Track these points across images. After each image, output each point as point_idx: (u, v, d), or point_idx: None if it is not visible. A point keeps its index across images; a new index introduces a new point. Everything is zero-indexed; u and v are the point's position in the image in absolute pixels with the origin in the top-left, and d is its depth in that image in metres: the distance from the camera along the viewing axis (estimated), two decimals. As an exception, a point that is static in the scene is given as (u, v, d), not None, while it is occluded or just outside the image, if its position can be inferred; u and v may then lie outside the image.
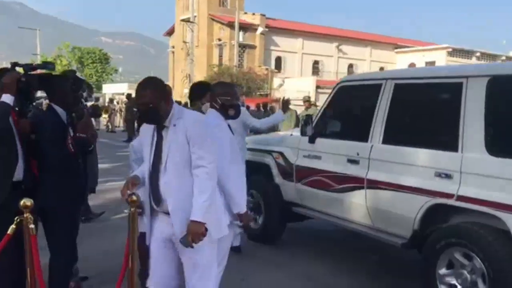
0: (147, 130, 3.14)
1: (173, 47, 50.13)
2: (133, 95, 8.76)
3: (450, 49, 43.39)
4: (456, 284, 3.88)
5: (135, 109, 3.85)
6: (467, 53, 44.94)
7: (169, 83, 50.97)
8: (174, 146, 2.98)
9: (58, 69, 23.42)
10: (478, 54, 45.32)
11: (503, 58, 45.87)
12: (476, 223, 3.83)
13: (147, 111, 2.97)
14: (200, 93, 4.73)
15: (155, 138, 3.07)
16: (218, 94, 3.66)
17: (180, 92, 45.31)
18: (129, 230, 3.31)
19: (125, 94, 24.50)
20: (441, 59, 42.02)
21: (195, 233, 2.86)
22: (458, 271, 3.87)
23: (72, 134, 3.76)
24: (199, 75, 37.65)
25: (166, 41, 55.92)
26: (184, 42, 45.13)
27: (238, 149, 3.72)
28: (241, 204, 3.45)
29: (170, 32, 51.53)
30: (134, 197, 3.20)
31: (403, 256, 4.07)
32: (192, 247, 2.90)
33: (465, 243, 3.78)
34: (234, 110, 3.68)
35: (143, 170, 3.15)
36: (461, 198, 3.88)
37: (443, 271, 3.97)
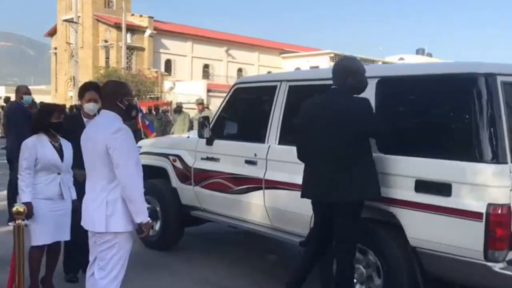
0: None
1: (56, 48, 47.48)
2: (12, 98, 8.14)
3: (333, 55, 45.52)
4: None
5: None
6: (348, 59, 47.50)
7: (52, 85, 48.38)
8: None
9: None
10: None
11: (380, 63, 49.10)
12: (369, 219, 4.00)
13: None
14: (79, 93, 4.75)
15: None
16: (123, 94, 3.38)
17: (64, 95, 43.04)
18: (15, 244, 3.04)
19: (3, 97, 22.74)
20: (325, 64, 43.90)
21: None
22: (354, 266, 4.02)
23: None
24: (85, 78, 35.95)
25: (48, 42, 52.81)
26: (68, 43, 42.91)
27: (138, 153, 3.56)
28: (144, 213, 3.26)
29: (52, 33, 48.73)
30: (20, 208, 2.95)
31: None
32: None
33: (359, 238, 3.94)
34: (136, 111, 3.49)
35: None
36: (355, 195, 4.02)
37: (340, 266, 4.10)
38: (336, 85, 3.89)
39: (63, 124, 4.35)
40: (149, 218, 3.28)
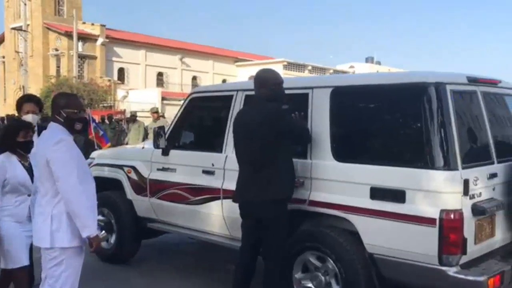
0: None
1: (4, 57, 45.93)
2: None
3: (286, 63, 46.04)
4: (312, 286, 4.05)
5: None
6: (301, 66, 48.10)
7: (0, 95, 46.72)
8: None
9: None
10: (310, 67, 48.75)
11: (331, 71, 49.97)
12: (327, 226, 4.05)
13: None
14: (17, 105, 4.63)
15: None
16: (62, 106, 3.31)
17: (13, 105, 41.48)
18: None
19: None
20: (278, 72, 44.34)
21: None
22: (313, 274, 4.05)
23: None
24: (35, 87, 35.00)
25: (-5, 50, 50.98)
26: (17, 51, 41.65)
27: (87, 166, 3.47)
28: (91, 227, 3.16)
29: (0, 41, 47.17)
30: None
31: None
32: None
33: (318, 246, 3.97)
34: (81, 124, 3.39)
35: None
36: (312, 202, 4.07)
37: (299, 275, 4.13)
38: (255, 95, 4.18)
39: (31, 143, 3.98)
40: (97, 232, 3.19)
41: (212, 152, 4.87)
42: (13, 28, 40.73)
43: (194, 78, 48.81)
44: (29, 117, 4.57)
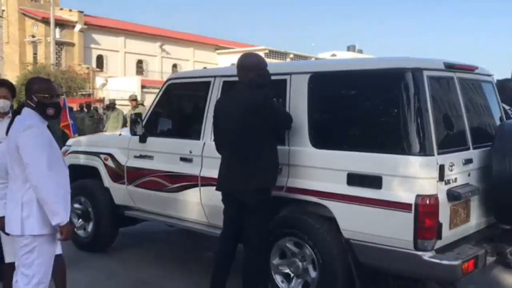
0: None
1: (-22, 43, 45.00)
2: None
3: (267, 51, 45.89)
4: (289, 272, 4.07)
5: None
6: (282, 55, 48.03)
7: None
8: None
9: None
10: (291, 55, 48.71)
11: (313, 59, 50.05)
12: (304, 212, 4.05)
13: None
14: None
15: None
16: (34, 91, 3.25)
17: (-12, 93, 40.81)
18: None
19: None
20: (260, 59, 44.23)
21: None
22: (290, 260, 4.06)
23: None
24: (11, 74, 34.33)
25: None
26: (-9, 38, 40.87)
27: (59, 153, 3.40)
28: (60, 215, 3.09)
29: (-26, 27, 46.14)
30: None
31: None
32: None
33: (295, 232, 3.98)
34: (53, 109, 3.31)
35: None
36: (290, 189, 4.07)
37: (276, 261, 4.13)
38: (240, 81, 4.05)
39: None
40: (67, 220, 3.13)
41: (190, 139, 4.83)
42: (-12, 14, 39.91)
43: (175, 65, 48.37)
44: (0, 103, 4.48)
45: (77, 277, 4.86)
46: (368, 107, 3.85)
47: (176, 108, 5.60)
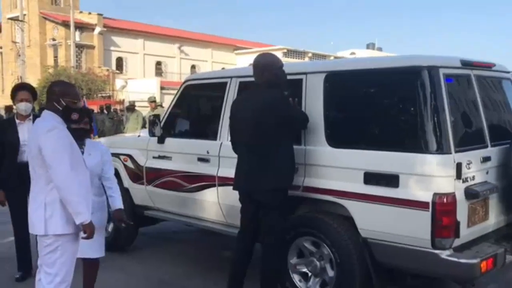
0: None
1: (1, 47, 45.78)
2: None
3: (286, 50, 45.84)
4: (307, 271, 4.08)
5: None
6: (301, 54, 47.92)
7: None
8: None
9: None
10: (310, 54, 48.57)
11: (332, 58, 49.83)
12: (321, 212, 4.06)
13: None
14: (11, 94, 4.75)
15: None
16: (62, 95, 3.28)
17: (11, 96, 41.48)
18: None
19: None
20: (278, 59, 44.14)
21: None
22: (308, 259, 4.07)
23: None
24: (33, 77, 34.88)
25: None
26: (14, 42, 41.50)
27: (80, 154, 3.47)
28: (83, 214, 3.15)
29: (-4, 31, 46.98)
30: None
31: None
32: None
33: (312, 231, 3.98)
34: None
35: None
36: (306, 188, 4.08)
37: (294, 260, 4.15)
38: (256, 81, 4.09)
39: None
40: (90, 219, 3.18)
41: (207, 140, 4.87)
42: (10, 18, 40.57)
43: (193, 66, 48.63)
44: (22, 105, 4.61)
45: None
46: (384, 106, 3.85)
47: (193, 109, 5.65)
